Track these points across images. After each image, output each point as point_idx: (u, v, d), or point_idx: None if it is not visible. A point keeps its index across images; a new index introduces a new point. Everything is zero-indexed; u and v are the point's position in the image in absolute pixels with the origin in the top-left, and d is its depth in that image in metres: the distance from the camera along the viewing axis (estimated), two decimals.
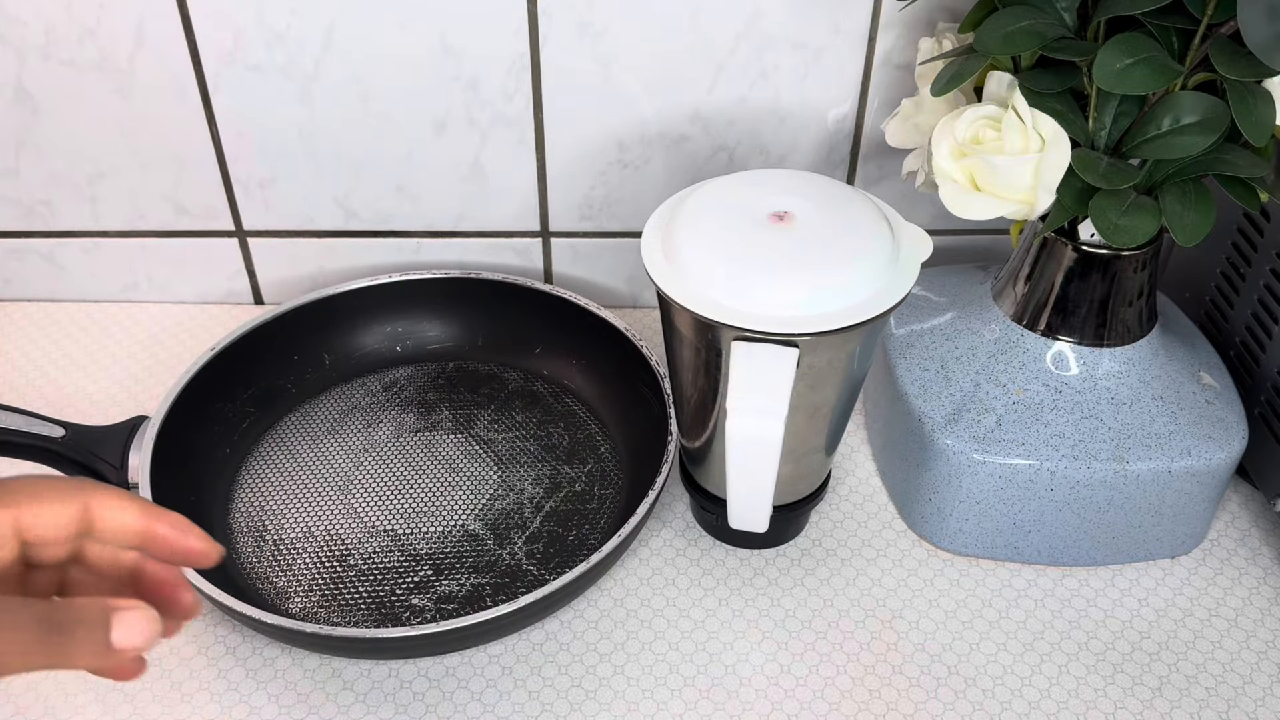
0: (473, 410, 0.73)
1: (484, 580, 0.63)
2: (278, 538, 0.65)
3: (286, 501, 0.67)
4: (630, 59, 0.71)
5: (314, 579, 0.63)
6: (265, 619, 0.55)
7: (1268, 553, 0.65)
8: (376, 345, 0.76)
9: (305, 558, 0.64)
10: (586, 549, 0.64)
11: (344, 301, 0.75)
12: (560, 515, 0.66)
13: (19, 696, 0.57)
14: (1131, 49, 0.51)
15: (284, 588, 0.62)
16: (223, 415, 0.70)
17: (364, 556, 0.64)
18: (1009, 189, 0.55)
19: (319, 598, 0.62)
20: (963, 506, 0.62)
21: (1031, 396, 0.61)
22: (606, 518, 0.66)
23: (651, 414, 0.67)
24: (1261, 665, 0.60)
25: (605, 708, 0.57)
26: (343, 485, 0.68)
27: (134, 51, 0.70)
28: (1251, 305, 0.66)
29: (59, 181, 0.76)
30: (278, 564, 0.64)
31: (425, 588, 0.62)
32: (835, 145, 0.75)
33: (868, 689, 0.58)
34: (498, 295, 0.76)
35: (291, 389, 0.74)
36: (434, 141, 0.74)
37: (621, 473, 0.69)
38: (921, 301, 0.69)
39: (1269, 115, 0.51)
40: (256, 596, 0.62)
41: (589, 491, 0.68)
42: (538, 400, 0.74)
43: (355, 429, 0.72)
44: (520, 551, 0.64)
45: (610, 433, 0.72)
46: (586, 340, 0.73)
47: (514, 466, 0.69)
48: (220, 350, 0.69)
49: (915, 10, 0.69)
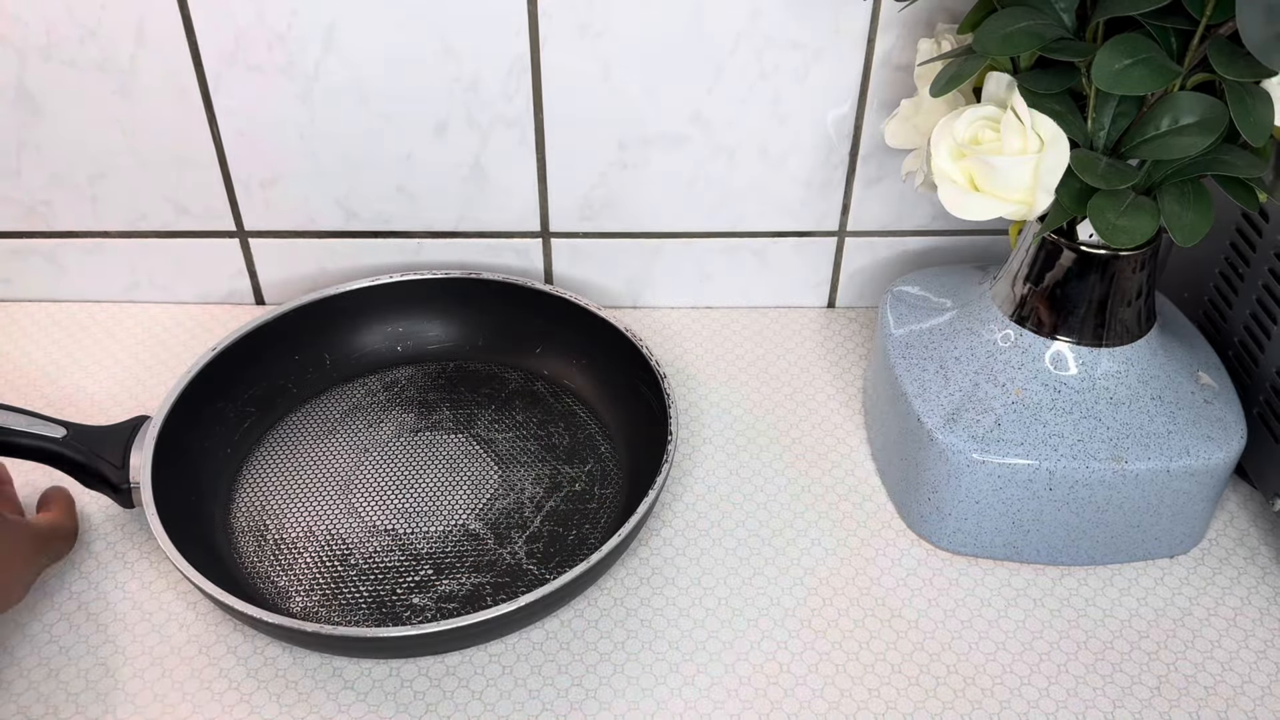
0: (473, 410, 0.73)
1: (484, 580, 0.63)
2: (279, 537, 0.65)
3: (288, 501, 0.67)
4: (630, 59, 0.71)
5: (315, 578, 0.63)
6: (267, 618, 0.55)
7: (1266, 552, 0.66)
8: (377, 345, 0.77)
9: (306, 557, 0.64)
10: (587, 548, 0.64)
11: (344, 302, 0.75)
12: (560, 515, 0.67)
13: (20, 696, 0.58)
14: (1130, 50, 0.51)
15: (285, 587, 0.63)
16: (224, 415, 0.70)
17: (365, 556, 0.64)
18: (1008, 189, 0.55)
19: (320, 597, 0.62)
20: (962, 506, 0.62)
21: (1030, 396, 0.61)
22: (607, 517, 0.66)
23: (651, 414, 0.68)
24: (1260, 664, 0.60)
25: (605, 707, 0.58)
26: (344, 485, 0.68)
27: (135, 52, 0.70)
28: (1250, 305, 0.66)
29: (60, 182, 0.77)
30: (279, 563, 0.64)
31: (426, 587, 0.63)
32: (835, 146, 0.75)
33: (867, 688, 0.59)
34: (498, 295, 0.76)
35: (292, 389, 0.74)
36: (434, 142, 0.74)
37: (621, 473, 0.69)
38: (921, 301, 0.69)
39: (1267, 116, 0.51)
40: (258, 596, 0.62)
41: (589, 491, 0.68)
42: (538, 400, 0.74)
43: (356, 429, 0.72)
44: (520, 551, 0.64)
45: (610, 433, 0.72)
46: (587, 340, 0.74)
47: (514, 466, 0.69)
48: (221, 350, 0.69)
49: (914, 11, 0.69)
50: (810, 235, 0.80)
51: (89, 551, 0.65)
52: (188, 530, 0.61)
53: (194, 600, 0.62)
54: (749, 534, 0.66)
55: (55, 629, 0.61)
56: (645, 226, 0.79)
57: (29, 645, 0.60)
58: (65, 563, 0.64)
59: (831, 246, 0.80)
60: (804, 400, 0.76)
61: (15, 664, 0.59)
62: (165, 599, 0.62)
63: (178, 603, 0.62)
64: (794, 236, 0.80)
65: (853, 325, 0.82)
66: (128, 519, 0.66)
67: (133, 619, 0.61)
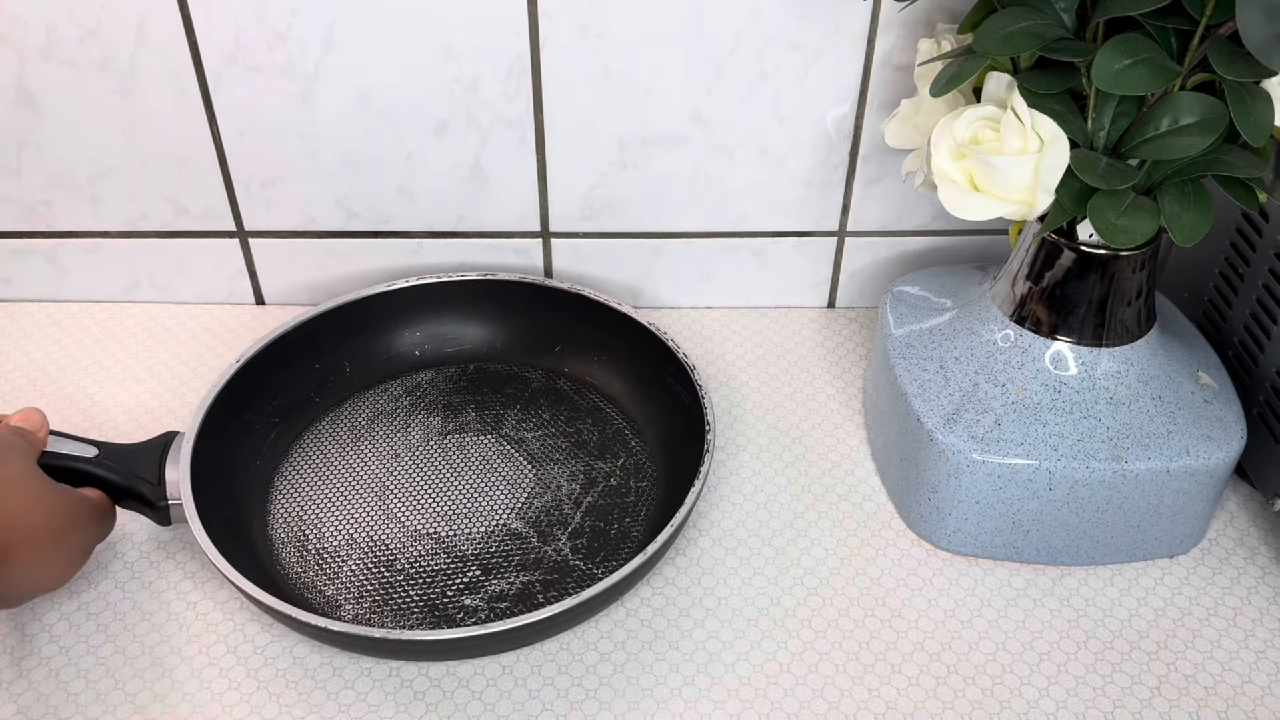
0: (499, 410, 0.73)
1: (533, 578, 0.63)
2: (320, 547, 0.65)
3: (324, 510, 0.67)
4: (630, 59, 0.71)
5: (363, 586, 0.63)
6: (333, 627, 0.55)
7: (1266, 552, 0.66)
8: (396, 350, 0.76)
9: (351, 565, 0.64)
10: (630, 542, 0.65)
11: (362, 308, 0.74)
12: (600, 510, 0.67)
13: (21, 695, 0.58)
14: (1130, 50, 0.51)
15: (333, 596, 0.62)
16: (251, 427, 0.69)
17: (410, 560, 0.64)
18: (1008, 189, 0.55)
19: (371, 604, 0.62)
20: (962, 506, 0.62)
21: (1030, 396, 0.61)
22: (646, 510, 0.67)
23: (679, 405, 0.68)
24: (1259, 664, 0.60)
25: (605, 707, 0.58)
26: (379, 491, 0.68)
27: (135, 52, 0.71)
28: (1250, 305, 0.66)
29: (60, 182, 0.77)
30: (324, 573, 0.63)
31: (476, 588, 0.63)
32: (835, 146, 0.75)
33: (866, 688, 0.59)
34: (514, 295, 0.76)
35: (315, 398, 0.73)
36: (434, 142, 0.74)
37: (654, 465, 0.70)
38: (921, 301, 0.69)
39: (1267, 116, 0.51)
40: (307, 606, 0.61)
41: (625, 485, 0.68)
42: (563, 398, 0.74)
43: (384, 434, 0.72)
44: (565, 547, 0.65)
45: (638, 426, 0.72)
46: (606, 336, 0.74)
47: (547, 464, 0.70)
48: (245, 361, 0.69)
49: (915, 11, 0.69)
50: (810, 235, 0.80)
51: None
52: (231, 544, 0.60)
53: (194, 600, 0.62)
54: (749, 534, 0.66)
55: (55, 629, 0.61)
56: (645, 226, 0.79)
57: (29, 645, 0.60)
58: None
59: (831, 246, 0.80)
60: (804, 400, 0.76)
61: (15, 664, 0.59)
62: (165, 599, 0.62)
63: (178, 602, 0.62)
64: (794, 236, 0.80)
65: (853, 325, 0.82)
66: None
67: (132, 619, 0.61)
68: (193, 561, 0.64)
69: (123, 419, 0.74)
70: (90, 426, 0.73)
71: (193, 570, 0.64)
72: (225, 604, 0.62)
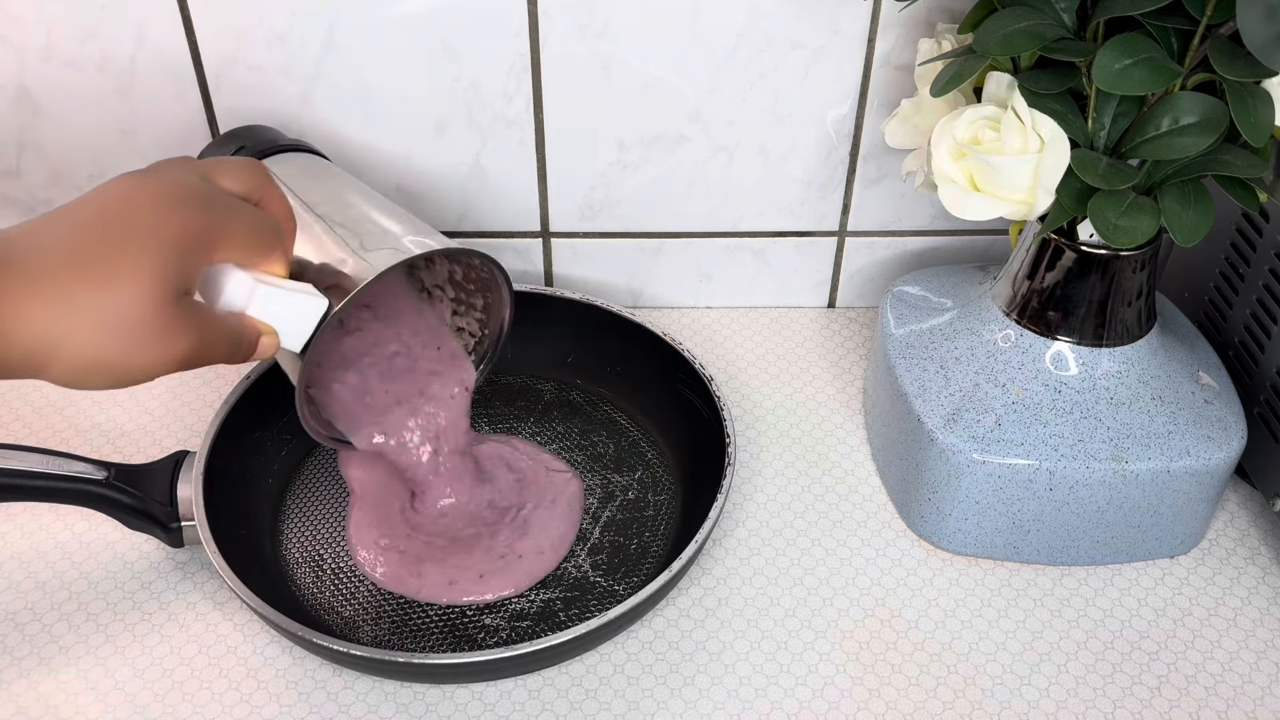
0: (512, 423, 0.73)
1: (554, 595, 0.62)
2: (336, 567, 0.64)
3: (339, 529, 0.66)
4: (630, 59, 0.71)
5: (380, 607, 0.62)
6: (354, 651, 0.54)
7: (1266, 552, 0.66)
8: None
9: (367, 585, 0.63)
10: (650, 557, 0.64)
11: None
12: (619, 524, 0.66)
13: (21, 696, 0.58)
14: (1131, 50, 0.51)
15: (351, 617, 0.61)
16: (262, 445, 0.68)
17: None
18: (1008, 189, 0.55)
19: (389, 625, 0.61)
20: (962, 506, 0.62)
21: (1030, 396, 0.61)
22: (665, 524, 0.66)
23: (696, 415, 0.67)
24: (1260, 665, 0.60)
25: (605, 707, 0.58)
26: None
27: (135, 52, 0.70)
28: (1250, 305, 0.66)
29: (60, 182, 0.76)
30: (340, 593, 0.62)
31: (496, 607, 0.62)
32: (835, 146, 0.75)
33: (867, 688, 0.58)
34: (524, 306, 0.74)
35: None
36: (434, 142, 0.74)
37: (672, 478, 0.69)
38: (921, 301, 0.69)
39: (1268, 116, 0.51)
40: (325, 628, 0.60)
41: (643, 499, 0.68)
42: (576, 410, 0.74)
43: None
44: (585, 563, 0.64)
45: (654, 438, 0.71)
46: (619, 346, 0.73)
47: None
48: (254, 379, 0.67)
49: (915, 11, 0.69)
50: (810, 235, 0.80)
51: (88, 551, 0.65)
52: (247, 566, 0.59)
53: (193, 600, 0.62)
54: (748, 534, 0.66)
55: (55, 629, 0.61)
56: (645, 226, 0.79)
57: (29, 645, 0.60)
58: (65, 564, 0.64)
59: (831, 246, 0.80)
60: (804, 400, 0.76)
61: (15, 664, 0.59)
62: (165, 599, 0.62)
63: (177, 603, 0.62)
64: (794, 236, 0.80)
65: (853, 325, 0.82)
66: None
67: (132, 619, 0.61)
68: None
69: (121, 418, 0.73)
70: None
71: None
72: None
